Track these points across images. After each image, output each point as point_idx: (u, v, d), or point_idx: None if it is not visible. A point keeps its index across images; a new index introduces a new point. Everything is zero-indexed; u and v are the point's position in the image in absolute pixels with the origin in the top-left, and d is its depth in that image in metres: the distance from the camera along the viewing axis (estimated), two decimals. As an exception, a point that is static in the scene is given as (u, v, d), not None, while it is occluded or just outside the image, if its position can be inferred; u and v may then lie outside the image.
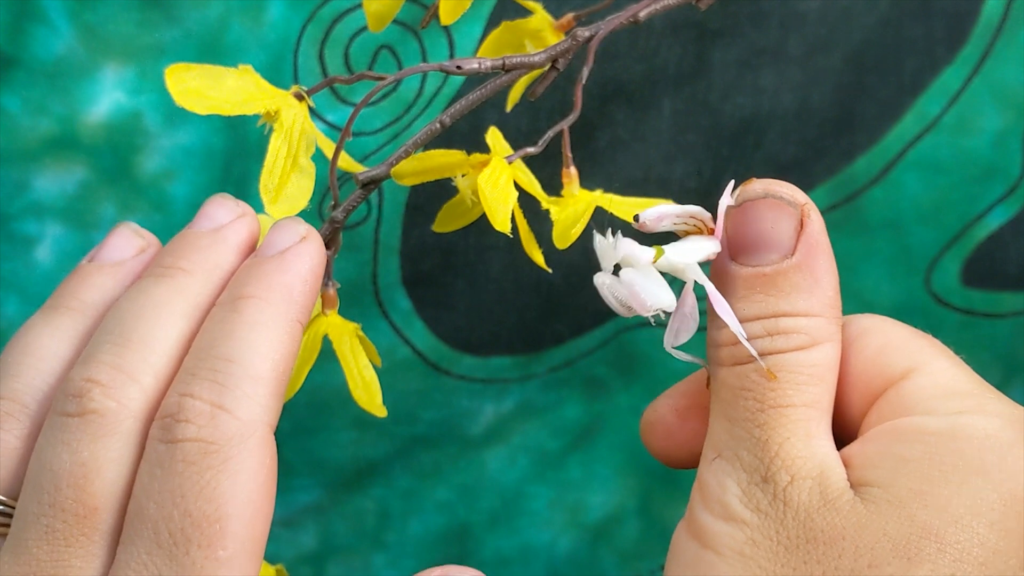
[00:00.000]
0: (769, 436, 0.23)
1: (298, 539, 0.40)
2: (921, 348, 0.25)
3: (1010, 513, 0.22)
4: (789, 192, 0.24)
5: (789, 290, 0.24)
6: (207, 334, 0.24)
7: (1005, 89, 0.36)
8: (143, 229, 0.28)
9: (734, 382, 0.24)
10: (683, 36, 0.35)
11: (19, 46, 0.32)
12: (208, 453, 0.23)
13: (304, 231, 0.26)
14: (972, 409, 0.23)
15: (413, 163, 0.27)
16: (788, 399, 0.23)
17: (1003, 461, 0.22)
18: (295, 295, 0.25)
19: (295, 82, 0.34)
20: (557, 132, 0.28)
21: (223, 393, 0.23)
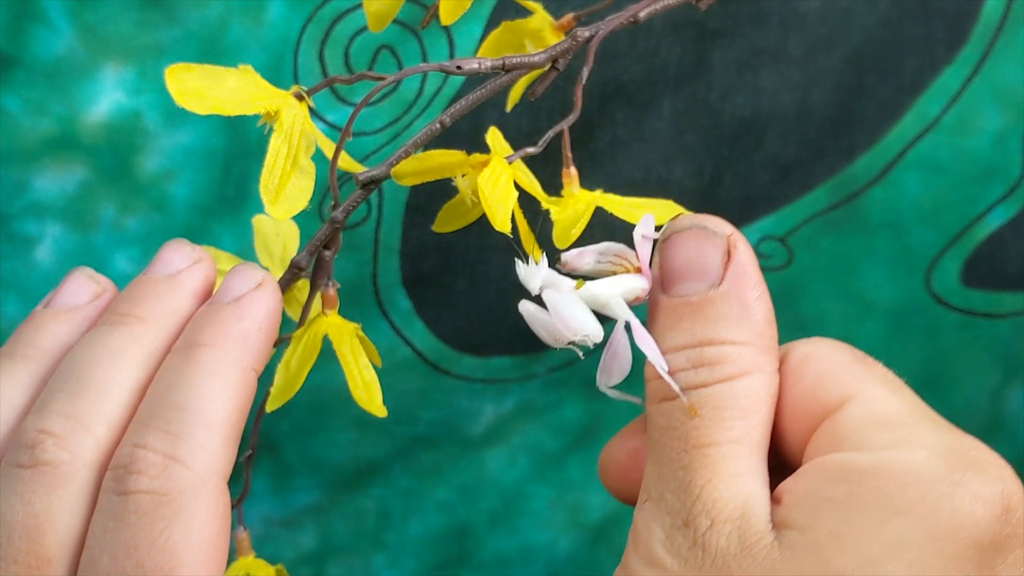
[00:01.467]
0: (692, 478, 0.23)
1: (298, 539, 0.40)
2: (858, 375, 0.24)
3: (930, 553, 0.21)
4: (714, 224, 0.24)
5: (716, 318, 0.24)
6: (161, 382, 0.24)
7: (1005, 89, 0.36)
8: (98, 274, 0.27)
9: (661, 420, 0.24)
10: (683, 36, 0.35)
11: (19, 46, 0.32)
12: (160, 504, 0.23)
13: (260, 277, 0.26)
14: (901, 442, 0.22)
15: (413, 163, 0.27)
16: (711, 437, 0.23)
17: (925, 498, 0.21)
18: (250, 342, 0.25)
19: (295, 82, 0.34)
20: (557, 132, 0.28)
21: (176, 443, 0.23)
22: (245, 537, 0.31)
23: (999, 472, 0.22)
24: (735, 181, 0.37)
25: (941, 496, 0.21)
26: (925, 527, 0.21)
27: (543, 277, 0.24)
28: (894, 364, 0.39)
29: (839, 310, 0.39)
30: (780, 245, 0.38)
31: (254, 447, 0.31)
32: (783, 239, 0.38)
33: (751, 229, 0.38)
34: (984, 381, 0.40)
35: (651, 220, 0.25)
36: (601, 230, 0.37)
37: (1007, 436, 0.41)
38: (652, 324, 0.25)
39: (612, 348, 0.24)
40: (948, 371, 0.40)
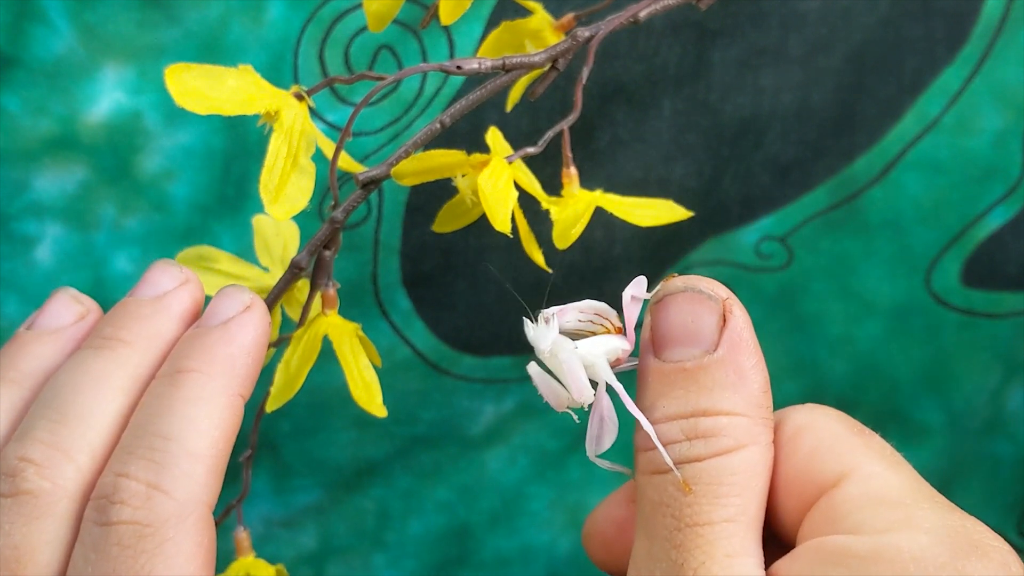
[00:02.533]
0: (685, 559, 0.21)
1: (298, 539, 0.40)
2: (854, 449, 0.23)
3: None
4: (709, 287, 0.24)
5: (711, 386, 0.23)
6: (145, 409, 0.24)
7: (1005, 89, 0.36)
8: (82, 295, 0.27)
9: (653, 495, 0.22)
10: (683, 36, 0.35)
11: (19, 46, 0.32)
12: (143, 536, 0.22)
13: (248, 300, 0.25)
14: (901, 524, 0.21)
15: (413, 163, 0.27)
16: (706, 516, 0.22)
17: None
18: (237, 367, 0.24)
19: (295, 82, 0.34)
20: (557, 132, 0.28)
21: (160, 472, 0.23)
22: (245, 537, 0.31)
23: (1003, 558, 0.21)
24: (735, 181, 0.37)
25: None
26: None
27: (553, 339, 0.23)
28: (894, 364, 0.40)
29: (839, 310, 0.39)
30: (780, 245, 0.38)
31: (254, 447, 0.30)
32: (783, 239, 0.38)
33: (751, 229, 0.38)
34: (984, 381, 0.40)
35: (643, 282, 0.24)
36: (601, 230, 0.37)
37: (1007, 436, 0.41)
38: (643, 390, 0.23)
39: (599, 414, 0.23)
40: (948, 371, 0.40)
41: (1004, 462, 0.41)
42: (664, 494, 0.22)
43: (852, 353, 0.39)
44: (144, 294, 0.26)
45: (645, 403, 0.23)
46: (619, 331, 0.24)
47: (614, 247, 0.37)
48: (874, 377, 0.40)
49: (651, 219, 0.30)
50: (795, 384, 0.40)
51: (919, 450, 0.41)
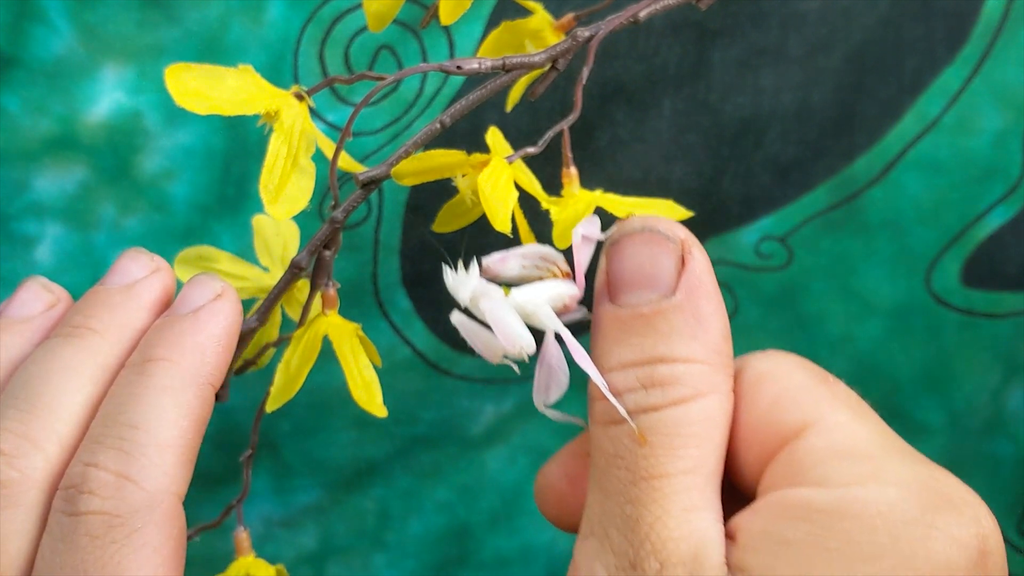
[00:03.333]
0: (640, 513, 0.20)
1: (298, 539, 0.40)
2: (820, 398, 0.22)
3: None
4: (668, 227, 0.22)
5: (668, 332, 0.21)
6: (114, 398, 0.23)
7: (1005, 89, 0.36)
8: (52, 283, 0.27)
9: (607, 447, 0.21)
10: (683, 36, 0.35)
11: (19, 46, 0.32)
12: (112, 527, 0.22)
13: (219, 288, 0.25)
14: (867, 477, 0.20)
15: (413, 163, 0.27)
16: (662, 468, 0.21)
17: (896, 543, 0.19)
18: (207, 356, 0.24)
19: (295, 82, 0.34)
20: (557, 132, 0.28)
21: (128, 462, 0.22)
22: (245, 537, 0.31)
23: (974, 512, 0.20)
24: (735, 181, 0.37)
25: (914, 541, 0.19)
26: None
27: (473, 287, 0.22)
28: (894, 364, 0.40)
29: (839, 310, 0.39)
30: (780, 245, 0.38)
31: (254, 447, 0.30)
32: (783, 239, 0.38)
33: (751, 229, 0.38)
34: (984, 381, 0.40)
35: (596, 221, 0.23)
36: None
37: (1007, 436, 0.41)
38: (597, 337, 0.22)
39: (545, 363, 0.22)
40: (948, 371, 0.40)
41: (1004, 462, 0.41)
42: (618, 446, 0.21)
43: (852, 353, 0.39)
44: (114, 282, 0.26)
45: (599, 351, 0.22)
46: (567, 275, 0.23)
47: (614, 247, 0.37)
48: (874, 377, 0.40)
49: (651, 219, 0.30)
50: (795, 384, 0.40)
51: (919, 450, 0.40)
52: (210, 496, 0.38)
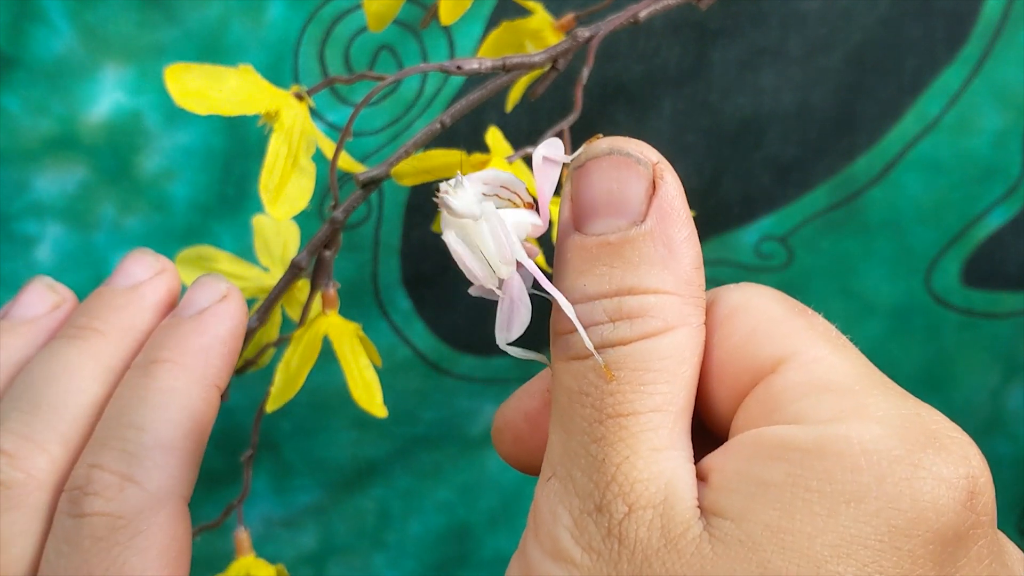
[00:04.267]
0: (606, 454, 0.19)
1: (298, 539, 0.40)
2: (796, 331, 0.20)
3: (886, 551, 0.18)
4: (638, 148, 0.20)
5: (638, 262, 0.20)
6: (119, 400, 0.23)
7: (1005, 89, 0.36)
8: (58, 284, 0.27)
9: (571, 383, 0.20)
10: (683, 36, 0.35)
11: (19, 46, 0.32)
12: (116, 528, 0.22)
13: (225, 289, 0.25)
14: (849, 413, 0.19)
15: (413, 163, 0.27)
16: (630, 405, 0.19)
17: (881, 484, 0.18)
18: (212, 358, 0.24)
19: (295, 82, 0.34)
20: (557, 132, 0.28)
21: (132, 464, 0.22)
22: (245, 537, 0.31)
23: (963, 450, 0.19)
24: (735, 181, 0.37)
25: (899, 482, 0.18)
26: (881, 520, 0.18)
27: (479, 200, 0.20)
28: (894, 364, 0.40)
29: (839, 310, 0.39)
30: (780, 245, 0.38)
31: (254, 447, 0.30)
32: (783, 239, 0.38)
33: (751, 229, 0.38)
34: (984, 381, 0.40)
35: (558, 143, 0.21)
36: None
37: (1007, 436, 0.41)
38: (561, 266, 0.21)
39: (508, 296, 0.21)
40: (948, 371, 0.40)
41: (1004, 462, 0.41)
42: (583, 382, 0.20)
43: (852, 353, 0.39)
44: (119, 284, 0.26)
45: (565, 282, 0.21)
46: (530, 206, 0.21)
47: (614, 247, 0.37)
48: (874, 377, 0.40)
49: (651, 219, 0.30)
50: (795, 384, 0.40)
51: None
52: (210, 496, 0.38)
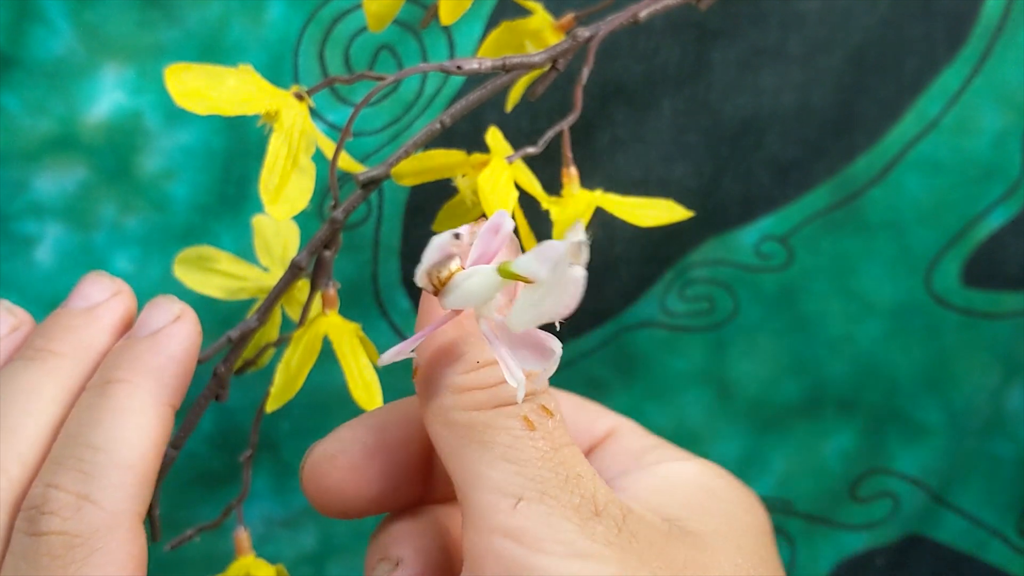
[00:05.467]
0: (578, 473, 0.22)
1: (298, 539, 0.40)
2: (607, 414, 0.27)
3: (768, 543, 0.25)
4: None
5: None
6: (75, 420, 0.24)
7: (1005, 89, 0.36)
8: (16, 307, 0.27)
9: (510, 424, 0.22)
10: (683, 36, 0.35)
11: (19, 46, 0.32)
12: (73, 547, 0.22)
13: (178, 310, 0.25)
14: (673, 458, 0.26)
15: (413, 163, 0.27)
16: (567, 436, 0.23)
17: (722, 500, 0.25)
18: (166, 378, 0.24)
19: (295, 82, 0.34)
20: (557, 132, 0.28)
21: (89, 483, 0.23)
22: (245, 537, 0.31)
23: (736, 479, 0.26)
24: (735, 181, 0.37)
25: (732, 498, 0.25)
26: (760, 523, 0.25)
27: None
28: (894, 364, 0.40)
29: (839, 310, 0.39)
30: (780, 245, 0.38)
31: (254, 447, 0.30)
32: (783, 239, 0.38)
33: (751, 229, 0.38)
34: (984, 381, 0.40)
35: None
36: (601, 230, 0.37)
37: (1007, 436, 0.41)
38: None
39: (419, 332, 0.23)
40: (948, 371, 0.40)
41: (1004, 462, 0.41)
42: (526, 423, 0.23)
43: (852, 353, 0.39)
44: (76, 305, 0.26)
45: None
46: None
47: (614, 247, 0.37)
48: (874, 377, 0.40)
49: (651, 219, 0.30)
50: (795, 384, 0.40)
51: (919, 450, 0.41)
52: (210, 496, 0.38)
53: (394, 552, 0.25)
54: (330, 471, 0.25)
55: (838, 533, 0.42)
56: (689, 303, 0.39)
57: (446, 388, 0.23)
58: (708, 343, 0.39)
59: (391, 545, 0.25)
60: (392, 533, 0.25)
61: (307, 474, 0.25)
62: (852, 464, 0.41)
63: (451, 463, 0.23)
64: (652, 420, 0.39)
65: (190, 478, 0.37)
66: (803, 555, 0.42)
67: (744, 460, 0.40)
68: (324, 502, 0.25)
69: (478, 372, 0.23)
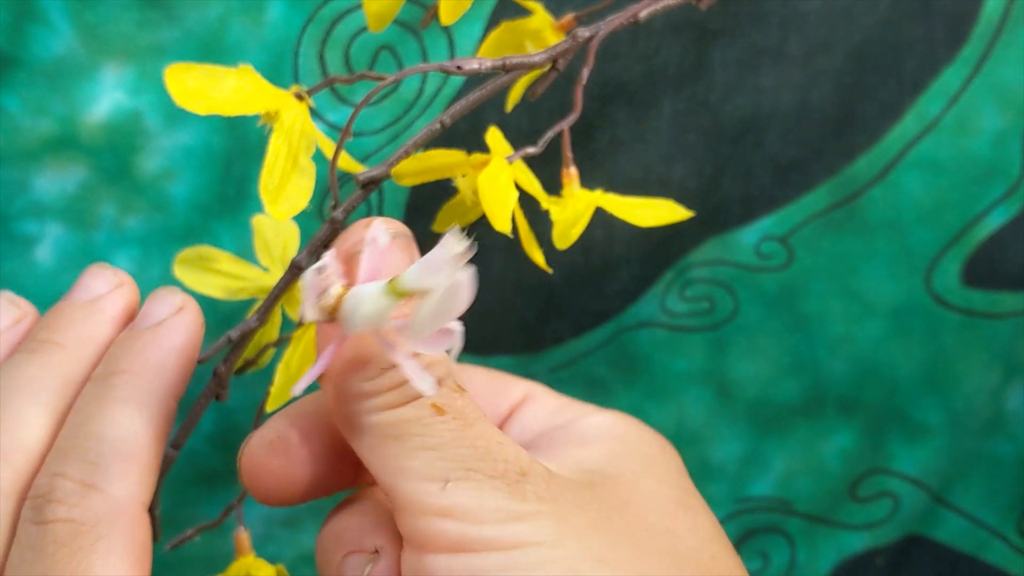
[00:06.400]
0: (498, 442, 0.23)
1: (299, 539, 0.40)
2: (519, 382, 0.29)
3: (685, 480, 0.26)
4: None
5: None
6: (79, 411, 0.24)
7: (1005, 89, 0.36)
8: (20, 298, 0.27)
9: (420, 414, 0.23)
10: (683, 36, 0.35)
11: (19, 46, 0.32)
12: (79, 534, 0.22)
13: (180, 302, 0.25)
14: (588, 413, 0.27)
15: (413, 163, 0.27)
16: (478, 412, 0.24)
17: (636, 445, 0.26)
18: (168, 369, 0.25)
19: (295, 82, 0.34)
20: (557, 132, 0.28)
21: (94, 472, 0.23)
22: (245, 537, 0.31)
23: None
24: (735, 181, 0.37)
25: (644, 442, 0.26)
26: (672, 459, 0.26)
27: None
28: (894, 364, 0.40)
29: (839, 310, 0.39)
30: (780, 245, 0.38)
31: (254, 447, 0.30)
32: (783, 239, 0.38)
33: (751, 229, 0.38)
34: (984, 381, 0.40)
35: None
36: (601, 230, 0.37)
37: (1007, 436, 0.41)
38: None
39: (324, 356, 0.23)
40: (948, 371, 0.40)
41: (1004, 462, 0.41)
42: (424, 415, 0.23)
43: (852, 353, 0.39)
44: (79, 298, 0.26)
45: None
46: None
47: (614, 247, 0.37)
48: (874, 377, 0.40)
49: (651, 219, 0.30)
50: (795, 384, 0.40)
51: (919, 450, 0.41)
52: (210, 496, 0.38)
53: (368, 542, 0.25)
54: (267, 459, 0.25)
55: (838, 533, 0.42)
56: (689, 303, 0.39)
57: (355, 397, 0.23)
58: (708, 343, 0.39)
59: (362, 536, 0.25)
60: (355, 524, 0.25)
61: (245, 464, 0.25)
62: (852, 464, 0.41)
63: (374, 465, 0.23)
64: (652, 420, 0.39)
65: (190, 478, 0.37)
66: (803, 555, 0.42)
67: (744, 460, 0.40)
68: (263, 490, 0.26)
69: (384, 376, 0.23)
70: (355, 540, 0.25)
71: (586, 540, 0.22)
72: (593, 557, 0.22)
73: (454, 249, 0.20)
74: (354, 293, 0.22)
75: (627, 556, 0.22)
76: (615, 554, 0.22)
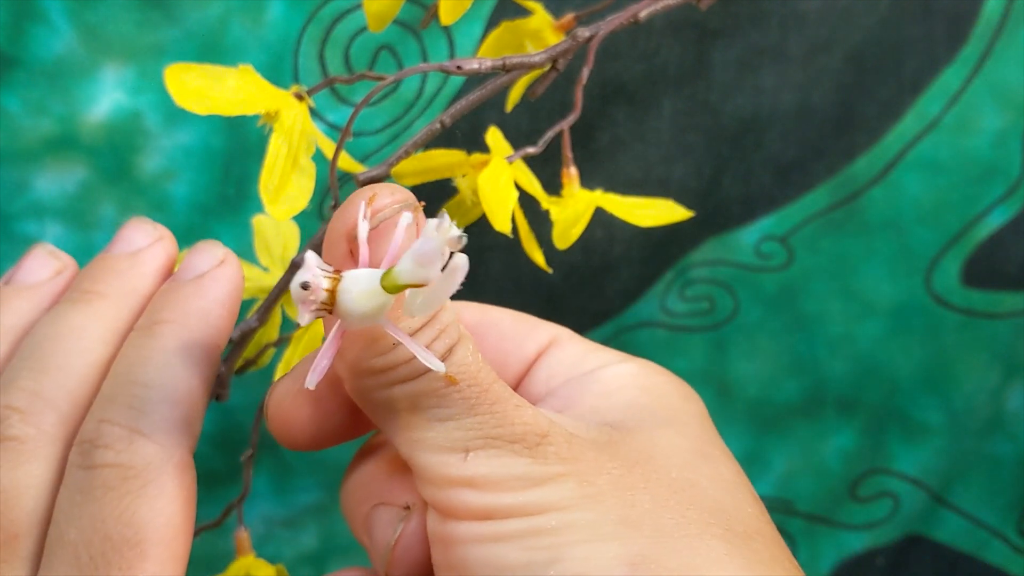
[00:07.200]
0: (516, 404, 0.23)
1: (299, 539, 0.40)
2: (537, 327, 0.27)
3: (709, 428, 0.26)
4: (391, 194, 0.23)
5: None
6: (124, 359, 0.24)
7: (1005, 89, 0.36)
8: (60, 251, 0.27)
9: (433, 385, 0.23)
10: (683, 36, 0.35)
11: (19, 46, 0.32)
12: (127, 478, 0.23)
13: (222, 254, 0.26)
14: (613, 361, 0.26)
15: (413, 163, 0.27)
16: (492, 375, 0.23)
17: (660, 395, 0.26)
18: (212, 319, 0.25)
19: (295, 82, 0.34)
20: (557, 132, 0.28)
21: (140, 418, 0.23)
22: (246, 537, 0.31)
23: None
24: (735, 181, 0.37)
25: (681, 385, 0.26)
26: (698, 408, 0.26)
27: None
28: (894, 364, 0.40)
29: (839, 310, 0.39)
30: (780, 245, 0.38)
31: (255, 447, 0.30)
32: (783, 239, 0.38)
33: (751, 229, 0.38)
34: (984, 381, 0.40)
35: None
36: (601, 230, 0.37)
37: (1007, 436, 0.41)
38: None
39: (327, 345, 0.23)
40: (948, 371, 0.40)
41: (1004, 462, 0.41)
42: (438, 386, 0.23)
43: (852, 353, 0.39)
44: (120, 250, 0.26)
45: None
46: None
47: (614, 247, 0.37)
48: (874, 377, 0.40)
49: (651, 219, 0.30)
50: (795, 384, 0.40)
51: (919, 450, 0.41)
52: (210, 496, 0.38)
53: (397, 495, 0.25)
54: (293, 405, 0.25)
55: (838, 533, 0.42)
56: (689, 303, 0.39)
57: (367, 373, 0.23)
58: (708, 343, 0.39)
59: (390, 487, 0.25)
60: (383, 472, 0.25)
61: (271, 410, 0.25)
62: (852, 464, 0.41)
63: (393, 437, 0.23)
64: (652, 420, 0.39)
65: (190, 478, 0.37)
66: (803, 555, 0.42)
67: (744, 460, 0.40)
68: (289, 436, 0.26)
69: (394, 351, 0.23)
70: (382, 491, 0.25)
71: (608, 501, 0.22)
72: (615, 518, 0.22)
73: (446, 237, 0.20)
74: (347, 287, 0.22)
75: (648, 514, 0.23)
76: (636, 513, 0.22)
